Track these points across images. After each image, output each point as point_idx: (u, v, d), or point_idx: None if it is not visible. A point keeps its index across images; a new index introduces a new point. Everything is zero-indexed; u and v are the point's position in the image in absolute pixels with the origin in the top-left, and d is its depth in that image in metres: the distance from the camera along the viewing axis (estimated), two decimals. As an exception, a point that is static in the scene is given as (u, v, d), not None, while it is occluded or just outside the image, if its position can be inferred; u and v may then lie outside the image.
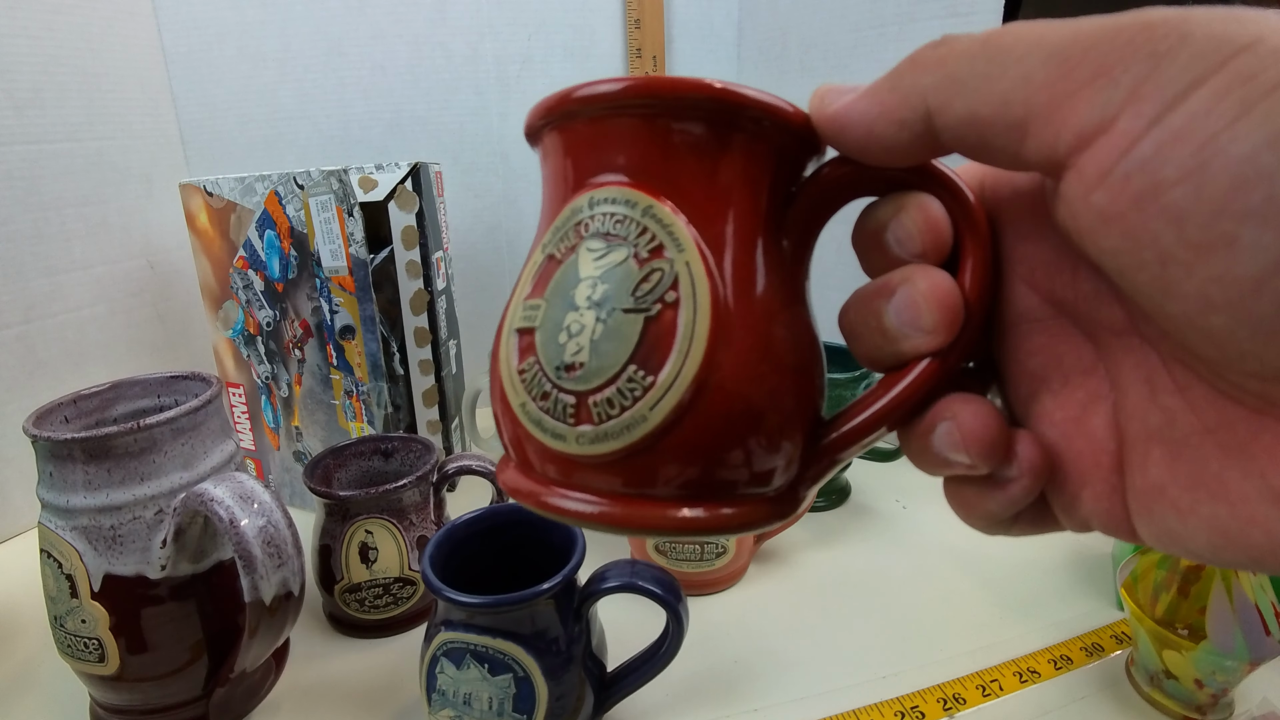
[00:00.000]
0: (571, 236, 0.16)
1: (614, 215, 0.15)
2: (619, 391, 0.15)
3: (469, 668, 0.29)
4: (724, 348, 0.15)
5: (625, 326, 0.15)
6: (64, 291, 0.57)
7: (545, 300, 0.16)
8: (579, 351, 0.15)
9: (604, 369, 0.15)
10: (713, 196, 0.15)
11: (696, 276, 0.15)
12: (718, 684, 0.38)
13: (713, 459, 0.15)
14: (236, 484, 0.31)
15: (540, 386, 0.15)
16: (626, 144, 0.16)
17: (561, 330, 0.15)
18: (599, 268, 0.15)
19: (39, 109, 0.55)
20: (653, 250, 0.15)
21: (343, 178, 0.46)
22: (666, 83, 0.15)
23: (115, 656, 0.32)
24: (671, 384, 0.14)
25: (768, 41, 0.72)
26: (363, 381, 0.51)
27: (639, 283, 0.15)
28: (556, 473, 0.16)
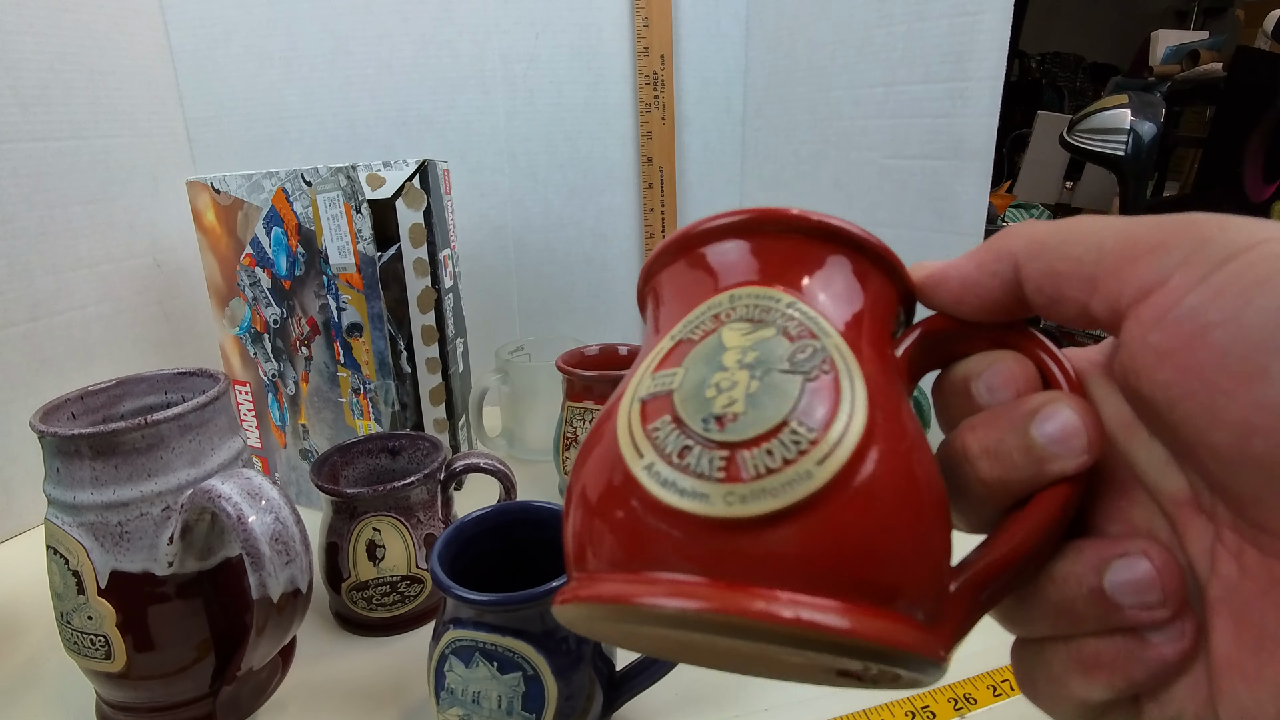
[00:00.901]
0: (709, 323, 0.16)
1: (758, 305, 0.16)
2: (781, 444, 0.13)
3: (478, 666, 0.29)
4: (882, 425, 0.14)
5: (784, 384, 0.14)
6: (70, 289, 0.57)
7: (684, 368, 0.15)
8: (732, 404, 0.14)
9: (762, 420, 0.13)
10: (843, 307, 0.16)
11: (847, 356, 0.15)
12: (728, 683, 0.38)
13: (876, 543, 0.13)
14: (244, 480, 0.31)
15: (676, 442, 0.14)
16: (762, 255, 0.17)
17: (708, 387, 0.14)
18: (747, 340, 0.15)
19: (45, 106, 0.55)
20: (801, 332, 0.15)
21: (351, 175, 0.46)
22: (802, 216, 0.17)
23: (122, 654, 0.32)
24: (840, 440, 0.13)
25: (775, 40, 0.72)
26: (370, 379, 0.50)
27: (794, 351, 0.14)
28: (676, 553, 0.13)
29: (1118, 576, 0.14)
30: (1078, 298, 0.15)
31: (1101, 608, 0.15)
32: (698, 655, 0.18)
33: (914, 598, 0.14)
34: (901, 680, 0.15)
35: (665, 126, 0.75)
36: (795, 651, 0.13)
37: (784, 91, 0.72)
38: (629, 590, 0.13)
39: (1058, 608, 0.15)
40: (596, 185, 0.76)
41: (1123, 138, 0.63)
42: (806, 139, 0.70)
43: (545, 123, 0.73)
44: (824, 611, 0.12)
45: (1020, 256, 0.16)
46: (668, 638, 0.16)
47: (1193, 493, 0.15)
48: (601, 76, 0.73)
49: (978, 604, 0.15)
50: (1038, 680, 0.17)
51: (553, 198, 0.75)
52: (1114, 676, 0.15)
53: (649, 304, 0.19)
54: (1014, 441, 0.15)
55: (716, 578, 0.13)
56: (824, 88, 0.68)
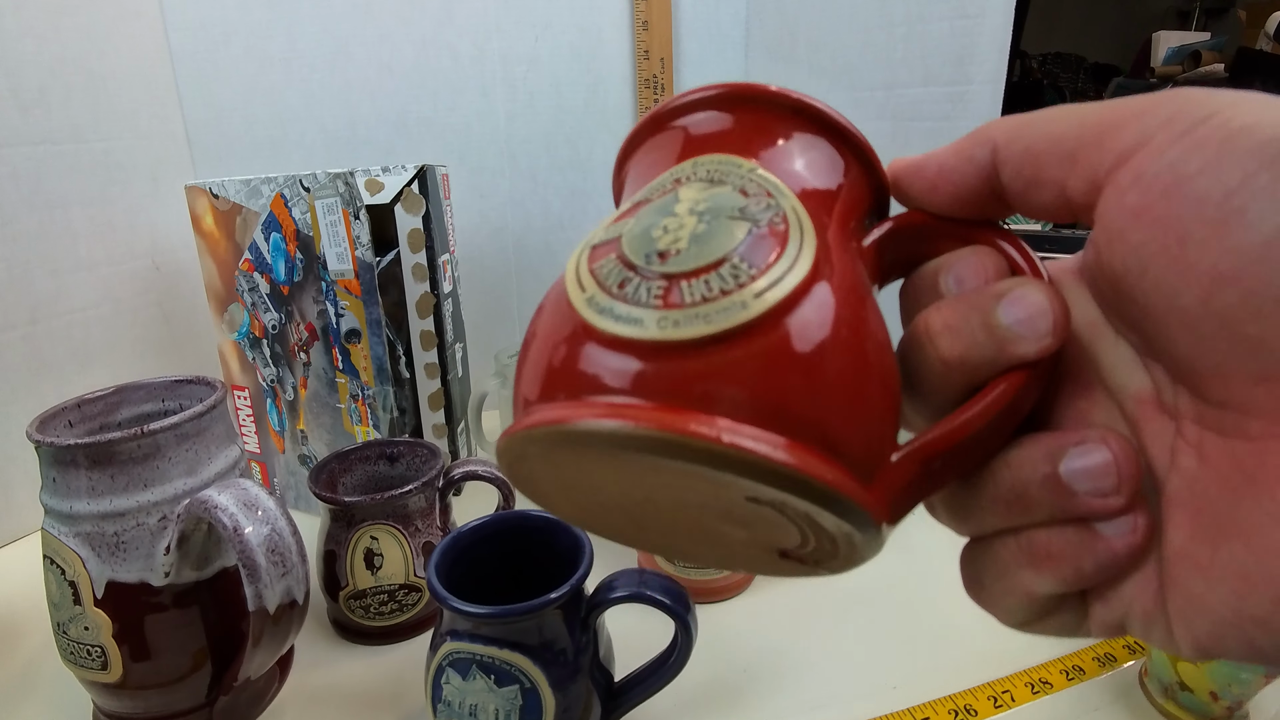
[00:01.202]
0: (669, 185, 0.16)
1: (719, 169, 0.16)
2: (719, 276, 0.13)
3: (475, 678, 0.29)
4: (827, 280, 0.14)
5: (731, 227, 0.14)
6: (69, 292, 0.57)
7: (635, 217, 0.15)
8: (676, 241, 0.14)
9: (704, 254, 0.13)
10: (810, 181, 0.16)
11: (803, 217, 0.14)
12: (727, 693, 0.37)
13: (809, 382, 0.13)
14: (240, 491, 0.31)
15: (618, 274, 0.14)
16: (734, 127, 0.17)
17: (656, 229, 0.14)
18: (703, 194, 0.15)
19: (44, 109, 0.54)
20: (757, 190, 0.15)
21: (349, 180, 0.46)
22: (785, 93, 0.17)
23: (118, 664, 0.32)
24: (779, 279, 0.13)
25: (776, 42, 0.72)
26: (368, 385, 0.50)
27: (747, 204, 0.14)
28: (610, 376, 0.13)
29: (1074, 463, 0.14)
30: (1056, 177, 0.15)
31: (1055, 494, 0.15)
32: (635, 520, 0.17)
33: (849, 449, 0.13)
34: (839, 556, 0.15)
35: (666, 129, 0.74)
36: (724, 495, 0.14)
37: (785, 94, 0.72)
38: (566, 413, 0.13)
39: (1010, 494, 0.15)
40: (597, 187, 0.76)
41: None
42: (807, 142, 0.70)
43: (545, 125, 0.73)
44: (755, 439, 0.12)
45: (999, 139, 0.16)
46: (606, 489, 0.15)
47: (1155, 391, 0.15)
48: (601, 79, 0.73)
49: (921, 478, 0.15)
50: (984, 577, 0.17)
51: (553, 200, 0.75)
52: (1063, 567, 0.15)
53: (621, 188, 0.19)
54: (978, 320, 0.15)
55: (653, 400, 0.13)
56: (824, 90, 0.67)
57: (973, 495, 0.16)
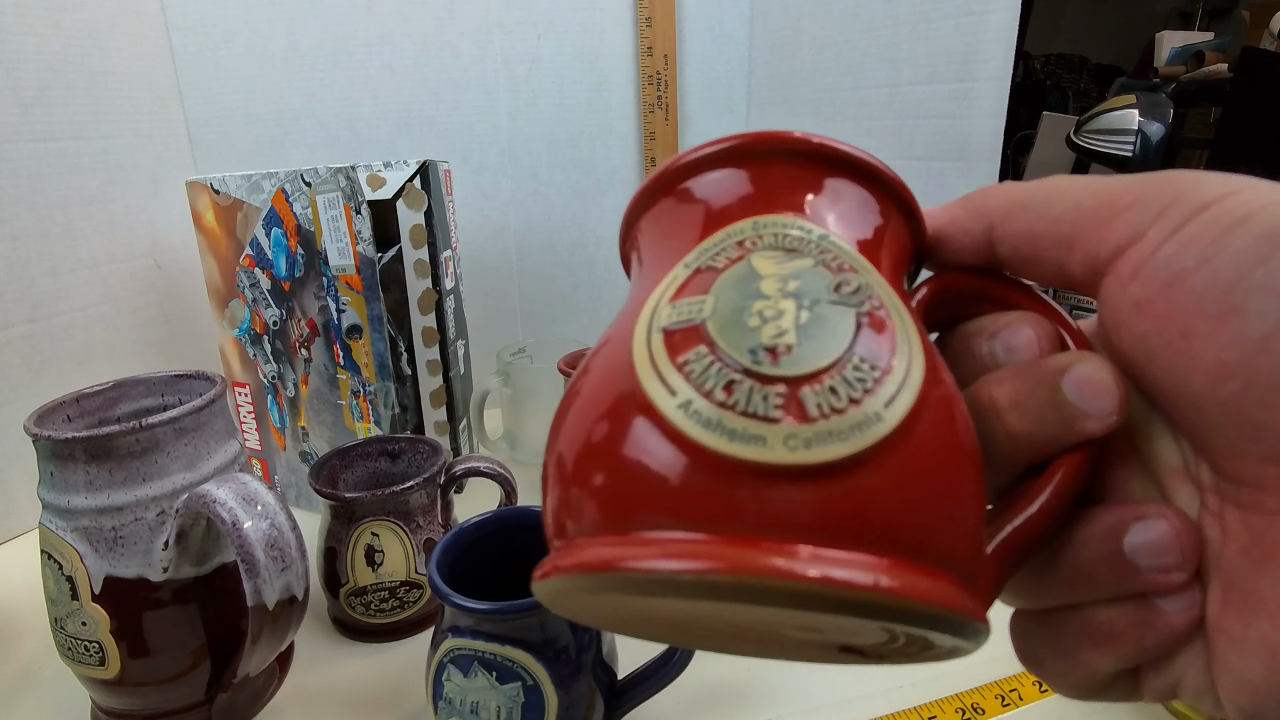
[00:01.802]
0: (733, 250, 0.14)
1: (788, 234, 0.14)
2: (845, 381, 0.11)
3: (476, 675, 0.29)
4: (933, 375, 0.13)
5: (837, 316, 0.12)
6: (70, 290, 0.57)
7: (713, 295, 0.13)
8: (782, 334, 0.12)
9: (821, 353, 0.12)
10: (870, 248, 0.15)
11: (891, 295, 0.13)
12: (731, 693, 0.37)
13: (932, 498, 0.12)
14: (240, 485, 0.30)
15: (720, 377, 0.12)
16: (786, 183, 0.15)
17: (750, 315, 0.12)
18: (784, 269, 0.13)
19: (45, 107, 0.54)
20: (840, 265, 0.13)
21: (350, 175, 0.46)
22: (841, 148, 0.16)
23: (116, 660, 0.32)
24: (904, 380, 0.12)
25: (779, 41, 0.72)
26: (369, 381, 0.50)
27: (839, 283, 0.13)
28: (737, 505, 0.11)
29: (1137, 538, 0.14)
30: (1055, 258, 0.15)
31: (1119, 571, 0.15)
32: (684, 630, 0.16)
33: (957, 557, 0.12)
34: (932, 650, 0.14)
35: (669, 127, 0.74)
36: (815, 619, 0.12)
37: (788, 92, 0.72)
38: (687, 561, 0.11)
39: (1074, 573, 0.15)
40: (599, 186, 0.76)
41: (1130, 138, 0.63)
42: (810, 140, 0.70)
43: (548, 124, 0.73)
44: (864, 570, 0.11)
45: (995, 217, 0.16)
46: (669, 615, 0.14)
47: (1182, 461, 0.15)
48: (604, 77, 0.73)
49: (1008, 566, 0.15)
50: (1043, 654, 0.17)
51: (555, 199, 0.75)
52: (1124, 646, 0.15)
53: (640, 242, 0.17)
54: (1045, 396, 0.15)
55: (783, 536, 0.11)
56: (828, 88, 0.67)
57: (1037, 575, 0.16)
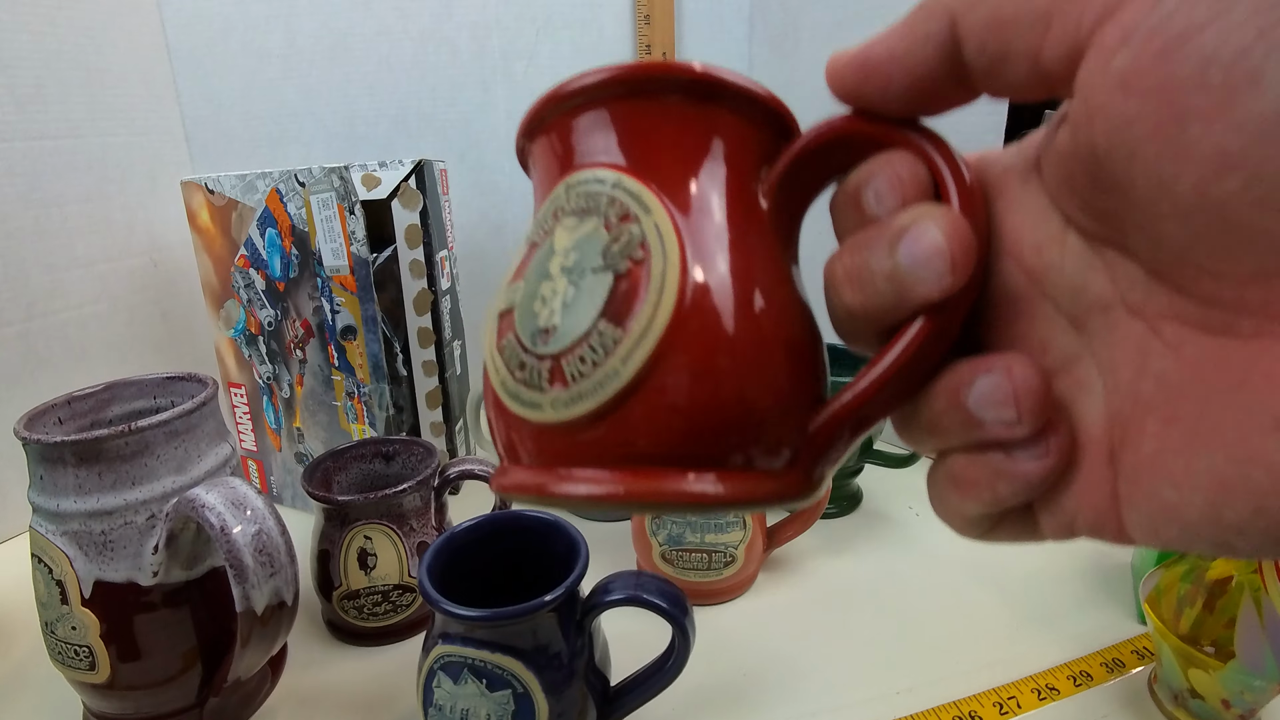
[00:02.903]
0: (549, 221, 0.16)
1: (586, 192, 0.15)
2: (590, 348, 0.14)
3: (466, 682, 0.28)
4: (696, 303, 0.14)
5: (595, 285, 0.14)
6: (66, 289, 0.57)
7: (524, 280, 0.16)
8: (551, 315, 0.15)
9: (575, 328, 0.14)
10: (678, 166, 0.15)
11: (665, 234, 0.15)
12: (726, 698, 0.37)
13: (696, 419, 0.14)
14: (229, 489, 0.30)
15: (516, 358, 0.15)
16: (593, 130, 0.16)
17: (536, 299, 0.15)
18: (573, 240, 0.15)
19: (41, 104, 0.54)
20: (622, 216, 0.15)
21: (344, 175, 0.46)
22: (630, 68, 0.15)
23: (106, 664, 0.32)
24: (642, 335, 0.14)
25: (779, 36, 0.71)
26: (364, 383, 0.50)
27: (608, 244, 0.15)
28: (539, 452, 0.15)
29: (977, 392, 0.14)
30: (1028, 45, 0.12)
31: (966, 424, 0.14)
32: None
33: (764, 449, 0.15)
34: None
35: (668, 125, 0.74)
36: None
37: (788, 90, 0.70)
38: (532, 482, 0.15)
39: (929, 425, 0.15)
40: (598, 184, 0.75)
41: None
42: (811, 138, 0.69)
43: (546, 121, 0.72)
44: (661, 482, 0.14)
45: (957, 8, 0.13)
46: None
47: (1118, 292, 0.14)
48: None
49: (843, 437, 0.16)
50: (930, 494, 0.17)
51: (554, 197, 0.75)
52: (983, 493, 0.15)
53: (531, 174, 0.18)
54: (877, 264, 0.14)
55: (586, 466, 0.15)
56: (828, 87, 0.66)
57: (905, 424, 0.16)
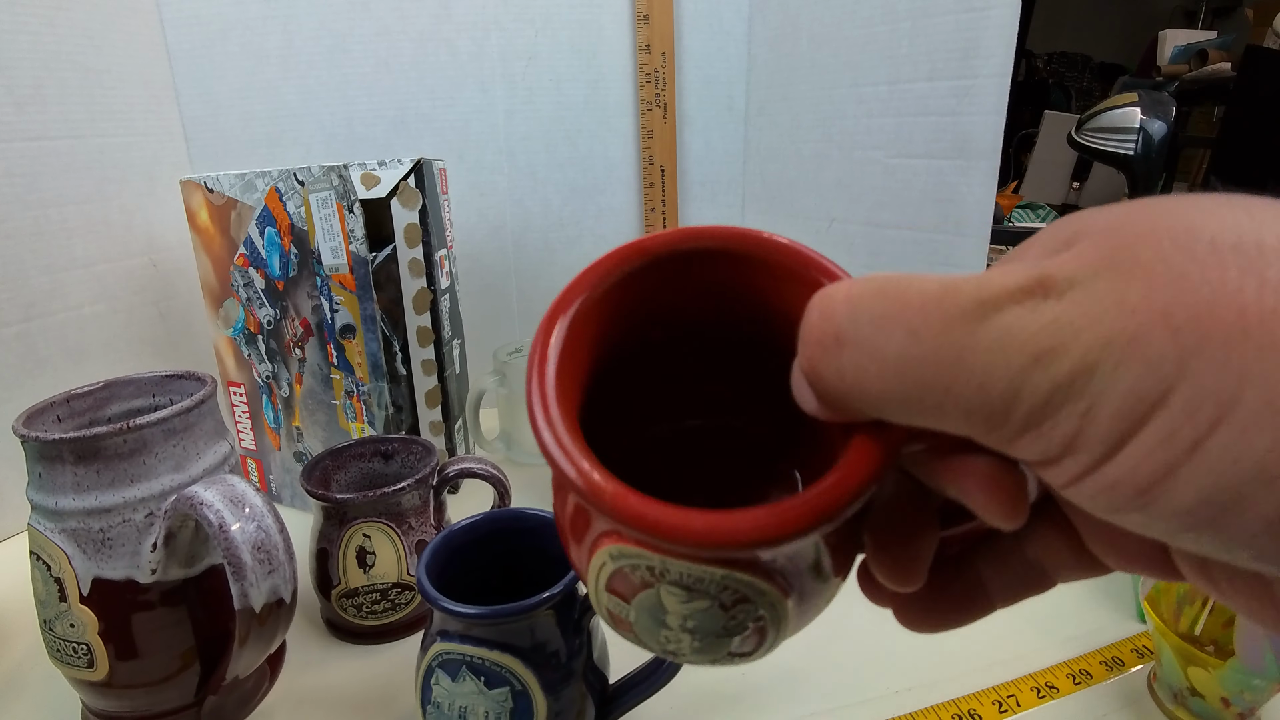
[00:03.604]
0: (645, 574, 0.16)
1: (691, 574, 0.15)
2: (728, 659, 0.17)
3: (465, 680, 0.28)
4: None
5: (719, 645, 0.16)
6: (65, 289, 0.57)
7: (633, 608, 0.16)
8: (677, 656, 0.17)
9: (701, 662, 0.17)
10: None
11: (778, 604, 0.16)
12: (723, 699, 0.37)
13: None
14: (227, 487, 0.30)
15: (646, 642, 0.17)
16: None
17: (659, 635, 0.16)
18: (685, 609, 0.16)
19: (40, 105, 0.54)
20: (735, 600, 0.15)
21: (343, 174, 0.46)
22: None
23: (104, 662, 0.32)
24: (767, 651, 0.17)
25: (778, 37, 0.71)
26: (363, 381, 0.50)
27: (727, 620, 0.16)
28: None
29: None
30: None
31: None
32: None
33: None
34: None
35: (667, 125, 0.74)
36: None
37: (787, 90, 0.71)
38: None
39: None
40: (597, 184, 0.75)
41: (1132, 137, 0.62)
42: (809, 138, 0.69)
43: (545, 121, 0.72)
44: None
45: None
46: None
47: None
48: (602, 74, 0.72)
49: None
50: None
51: (552, 197, 0.75)
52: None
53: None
54: None
55: None
56: (827, 85, 0.67)
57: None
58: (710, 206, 0.80)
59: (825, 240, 0.69)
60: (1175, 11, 2.43)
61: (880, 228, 0.64)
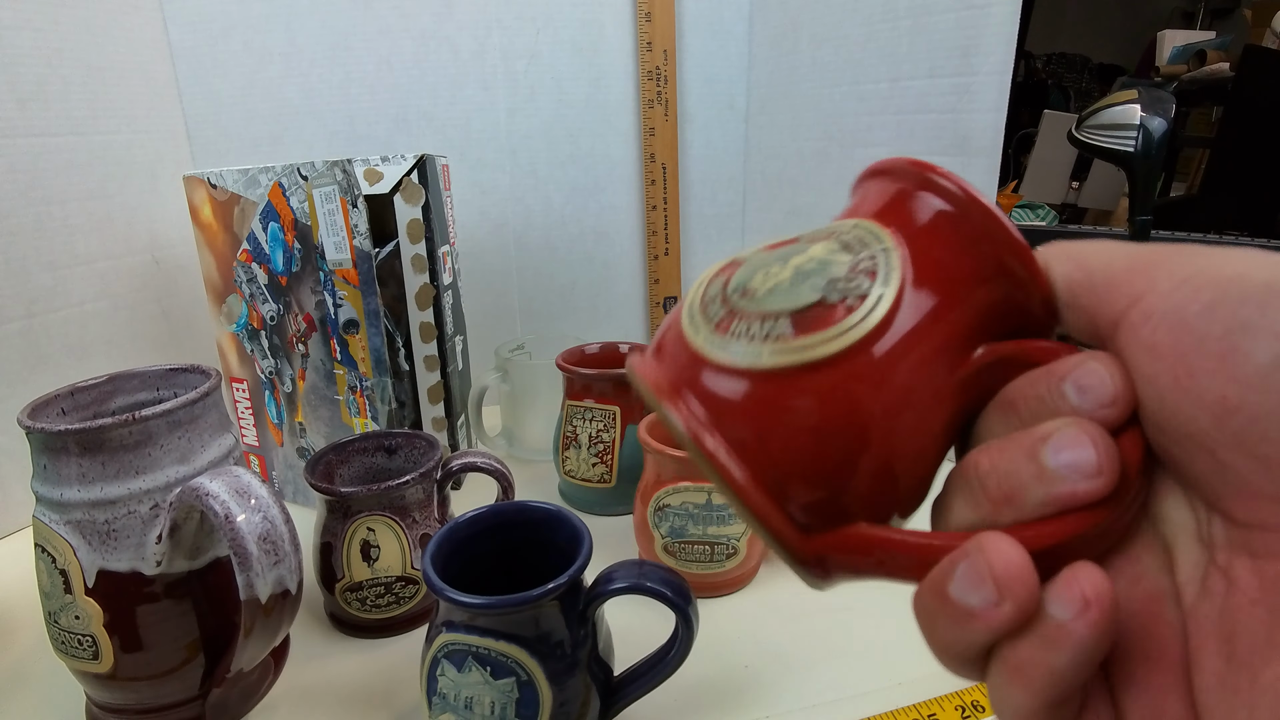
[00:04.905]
0: (824, 233, 0.18)
1: (862, 237, 0.17)
2: (760, 324, 0.16)
3: (470, 671, 0.28)
4: (857, 369, 0.16)
5: (806, 293, 0.16)
6: (67, 286, 0.57)
7: (770, 253, 0.18)
8: (761, 283, 0.17)
9: (766, 304, 0.16)
10: (939, 281, 0.17)
11: (881, 304, 0.16)
12: (727, 690, 0.37)
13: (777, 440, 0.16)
14: (233, 478, 0.30)
15: (715, 292, 0.18)
16: (914, 209, 0.18)
17: (762, 270, 0.17)
18: (822, 255, 0.17)
19: (42, 102, 0.54)
20: (869, 271, 0.16)
21: (347, 168, 0.46)
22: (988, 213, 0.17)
23: (109, 654, 0.32)
24: (799, 350, 0.16)
25: (779, 35, 0.71)
26: (366, 377, 0.50)
27: (838, 279, 0.16)
28: (676, 363, 0.17)
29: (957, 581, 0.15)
30: (1087, 304, 0.17)
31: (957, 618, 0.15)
32: None
33: (811, 505, 0.16)
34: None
35: (668, 123, 0.74)
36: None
37: (788, 88, 0.71)
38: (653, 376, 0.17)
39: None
40: (598, 182, 0.76)
41: (1132, 133, 0.62)
42: (810, 136, 0.69)
43: (546, 119, 0.72)
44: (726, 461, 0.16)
45: (1051, 260, 0.17)
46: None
47: (1195, 522, 0.15)
48: (603, 72, 0.72)
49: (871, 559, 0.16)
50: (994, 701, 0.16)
51: (554, 195, 0.75)
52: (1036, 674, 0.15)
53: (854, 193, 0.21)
54: (1025, 467, 0.15)
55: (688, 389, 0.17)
56: (828, 84, 0.67)
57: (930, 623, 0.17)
58: (711, 205, 0.80)
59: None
60: (1174, 12, 2.44)
61: (881, 225, 0.65)
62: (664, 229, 0.77)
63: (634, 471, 0.48)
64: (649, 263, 0.78)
